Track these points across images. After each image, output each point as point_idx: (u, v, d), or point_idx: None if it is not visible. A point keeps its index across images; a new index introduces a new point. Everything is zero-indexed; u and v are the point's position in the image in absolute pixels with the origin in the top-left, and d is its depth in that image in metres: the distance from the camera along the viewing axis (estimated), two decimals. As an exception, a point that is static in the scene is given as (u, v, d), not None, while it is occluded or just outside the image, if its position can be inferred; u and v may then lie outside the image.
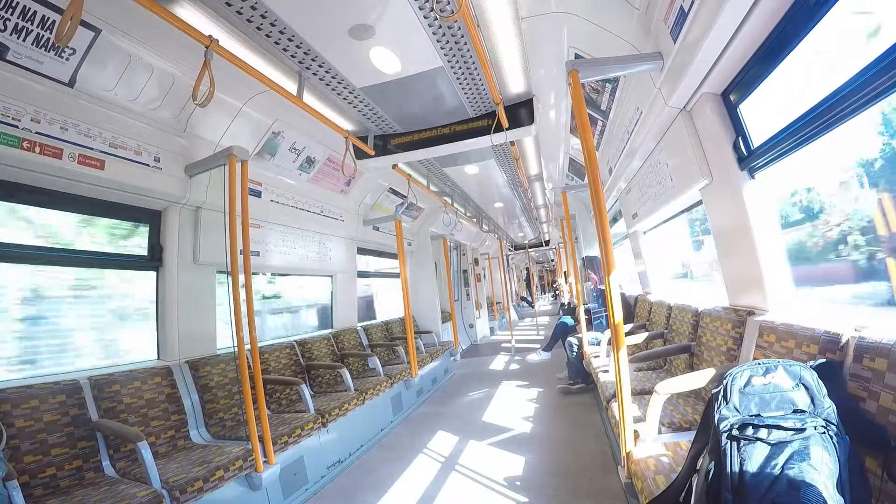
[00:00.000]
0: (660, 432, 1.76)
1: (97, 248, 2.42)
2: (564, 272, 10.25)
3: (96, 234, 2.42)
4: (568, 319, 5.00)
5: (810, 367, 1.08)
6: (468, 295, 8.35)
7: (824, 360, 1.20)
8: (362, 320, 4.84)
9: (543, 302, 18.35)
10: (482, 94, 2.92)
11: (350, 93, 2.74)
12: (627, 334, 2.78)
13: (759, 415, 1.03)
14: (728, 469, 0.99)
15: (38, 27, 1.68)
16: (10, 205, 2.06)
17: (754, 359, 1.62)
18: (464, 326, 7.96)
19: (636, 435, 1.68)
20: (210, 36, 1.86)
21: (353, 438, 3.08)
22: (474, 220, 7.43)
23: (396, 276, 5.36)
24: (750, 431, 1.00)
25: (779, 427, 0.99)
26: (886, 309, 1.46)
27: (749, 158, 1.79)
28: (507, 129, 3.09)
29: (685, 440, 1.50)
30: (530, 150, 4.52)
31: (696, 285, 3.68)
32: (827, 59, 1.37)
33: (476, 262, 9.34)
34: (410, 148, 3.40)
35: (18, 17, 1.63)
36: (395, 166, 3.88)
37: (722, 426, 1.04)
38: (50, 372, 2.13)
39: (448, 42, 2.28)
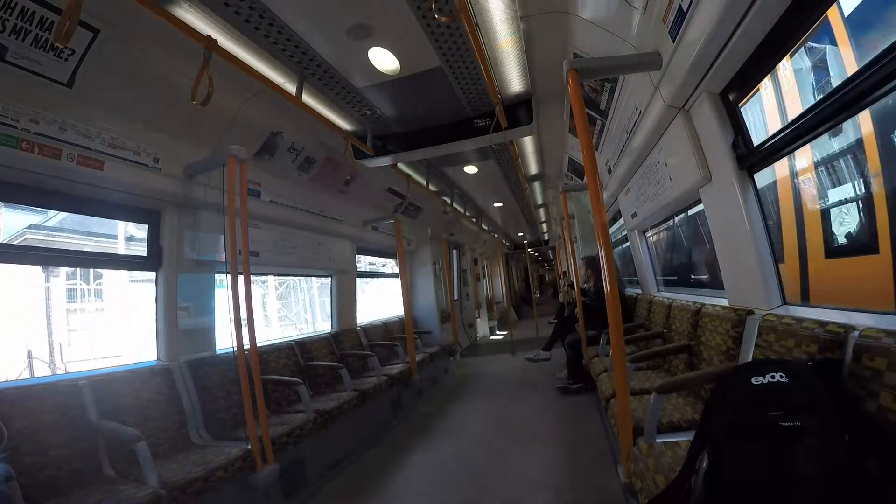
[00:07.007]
0: (659, 432, 1.76)
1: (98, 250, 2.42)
2: (564, 272, 10.25)
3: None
4: (567, 319, 5.00)
5: (809, 366, 1.08)
6: (468, 295, 8.34)
7: (823, 359, 1.20)
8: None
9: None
10: (481, 94, 2.93)
11: (349, 93, 2.74)
12: (627, 333, 2.78)
13: (757, 414, 1.03)
14: (727, 469, 0.99)
15: (36, 28, 1.68)
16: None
17: (753, 358, 1.63)
18: (463, 326, 7.96)
19: (635, 434, 1.68)
20: (209, 37, 1.86)
21: (353, 438, 3.08)
22: (474, 220, 7.42)
23: (396, 276, 5.36)
24: (749, 431, 1.00)
25: (778, 426, 0.99)
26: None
27: (748, 157, 1.79)
28: (506, 128, 3.09)
29: (684, 440, 1.49)
30: (529, 149, 4.52)
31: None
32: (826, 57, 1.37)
33: (476, 262, 9.33)
34: (409, 147, 3.40)
35: (17, 18, 1.62)
36: (394, 166, 3.89)
37: (721, 426, 1.03)
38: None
39: (447, 42, 2.28)
